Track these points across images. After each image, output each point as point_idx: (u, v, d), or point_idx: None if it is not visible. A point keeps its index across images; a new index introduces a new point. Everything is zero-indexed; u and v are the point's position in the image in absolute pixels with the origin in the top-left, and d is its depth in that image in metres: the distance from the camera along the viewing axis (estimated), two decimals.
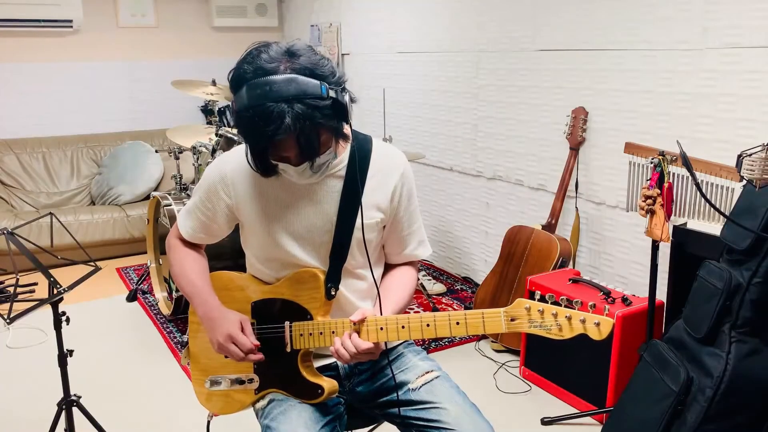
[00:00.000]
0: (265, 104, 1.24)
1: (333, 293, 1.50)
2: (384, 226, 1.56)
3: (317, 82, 1.28)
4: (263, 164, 1.38)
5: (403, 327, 1.40)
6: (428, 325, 1.39)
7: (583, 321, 1.29)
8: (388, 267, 1.65)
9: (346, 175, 1.48)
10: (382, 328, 1.41)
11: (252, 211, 1.51)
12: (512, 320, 1.34)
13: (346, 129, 1.40)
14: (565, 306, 1.32)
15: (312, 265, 1.52)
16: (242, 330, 1.47)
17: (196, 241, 1.65)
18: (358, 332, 1.41)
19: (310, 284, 1.50)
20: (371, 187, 1.50)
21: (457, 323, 1.37)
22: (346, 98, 1.32)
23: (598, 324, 1.28)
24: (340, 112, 1.32)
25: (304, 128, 1.27)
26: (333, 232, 1.50)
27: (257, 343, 1.48)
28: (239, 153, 1.54)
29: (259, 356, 1.47)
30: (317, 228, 1.50)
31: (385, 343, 1.47)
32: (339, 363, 1.59)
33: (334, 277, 1.50)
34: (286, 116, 1.24)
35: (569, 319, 1.30)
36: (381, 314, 1.45)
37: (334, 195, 1.49)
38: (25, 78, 4.90)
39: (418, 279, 2.78)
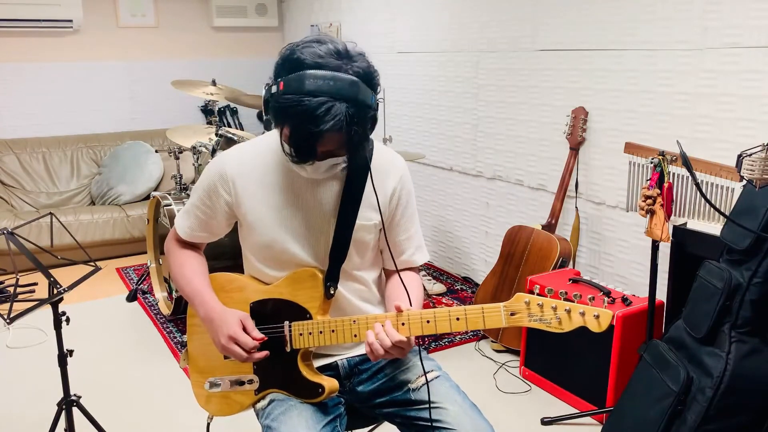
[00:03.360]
0: (327, 97, 1.25)
1: (332, 292, 1.50)
2: (381, 229, 1.56)
3: (371, 91, 1.31)
4: (305, 150, 1.34)
5: (403, 324, 1.40)
6: (428, 322, 1.39)
7: (583, 314, 1.29)
8: (389, 273, 1.65)
9: (346, 175, 1.49)
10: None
11: (251, 209, 1.51)
12: (512, 315, 1.34)
13: None
14: (565, 299, 1.32)
15: (311, 265, 1.52)
16: (244, 328, 1.47)
17: (195, 241, 1.64)
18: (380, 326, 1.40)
19: (309, 283, 1.49)
20: (370, 188, 1.50)
21: (457, 319, 1.37)
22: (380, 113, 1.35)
23: (597, 316, 1.28)
24: (374, 122, 1.35)
25: (354, 131, 1.28)
26: (332, 232, 1.50)
27: (262, 336, 1.47)
28: (239, 151, 1.54)
29: (263, 354, 1.46)
30: (317, 227, 1.50)
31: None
32: (339, 362, 1.59)
33: (332, 277, 1.50)
34: (343, 116, 1.25)
35: (568, 312, 1.30)
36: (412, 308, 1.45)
37: (334, 194, 1.49)
38: (25, 78, 4.90)
39: None
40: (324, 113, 1.24)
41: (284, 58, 1.32)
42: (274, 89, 1.30)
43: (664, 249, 2.55)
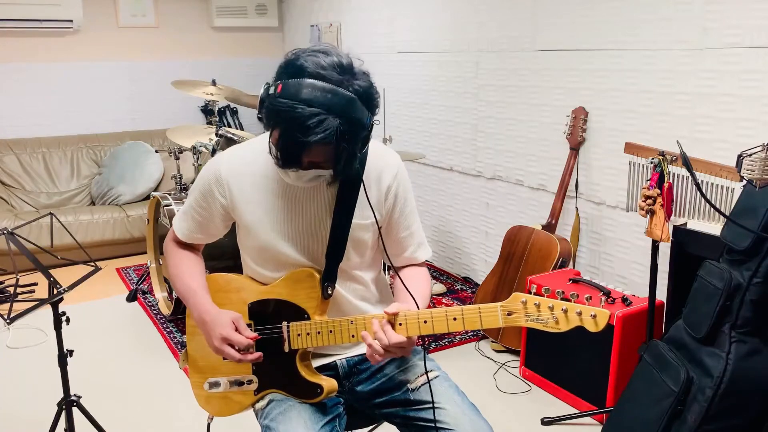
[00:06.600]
0: (321, 109, 1.24)
1: (330, 292, 1.50)
2: (380, 227, 1.56)
3: (367, 111, 1.30)
4: (290, 157, 1.33)
5: (400, 324, 1.40)
6: (425, 322, 1.39)
7: (580, 313, 1.29)
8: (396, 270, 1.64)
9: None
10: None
11: (247, 211, 1.51)
12: (509, 314, 1.33)
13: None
14: (562, 299, 1.32)
15: (308, 265, 1.52)
16: (237, 329, 1.46)
17: (193, 242, 1.65)
18: (392, 325, 1.39)
19: (307, 284, 1.49)
20: (365, 186, 1.49)
21: (454, 319, 1.37)
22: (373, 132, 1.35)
23: (594, 316, 1.28)
24: (366, 141, 1.35)
25: (342, 148, 1.28)
26: (328, 232, 1.49)
27: (254, 335, 1.47)
28: (234, 153, 1.54)
29: (257, 355, 1.46)
30: (313, 227, 1.50)
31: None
32: (338, 362, 1.59)
33: (330, 277, 1.50)
34: (334, 130, 1.25)
35: (565, 311, 1.29)
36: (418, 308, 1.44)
37: (330, 195, 1.49)
38: (25, 78, 4.90)
39: None
40: (315, 125, 1.24)
41: (288, 62, 1.32)
42: (271, 90, 1.30)
43: (664, 249, 2.55)
